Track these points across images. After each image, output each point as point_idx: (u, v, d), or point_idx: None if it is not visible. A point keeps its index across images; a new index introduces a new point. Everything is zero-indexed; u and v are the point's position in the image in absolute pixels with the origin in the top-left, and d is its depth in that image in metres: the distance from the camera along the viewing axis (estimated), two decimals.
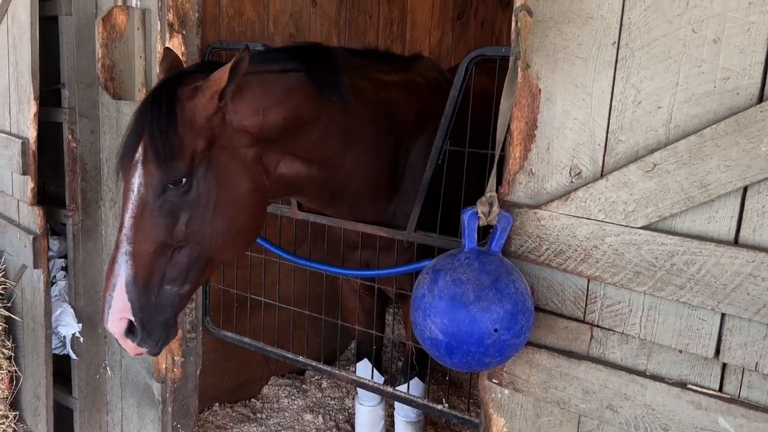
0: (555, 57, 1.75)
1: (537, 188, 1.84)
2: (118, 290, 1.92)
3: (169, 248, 1.97)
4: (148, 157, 1.94)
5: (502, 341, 1.68)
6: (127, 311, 1.93)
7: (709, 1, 1.50)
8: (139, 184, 1.95)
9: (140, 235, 1.93)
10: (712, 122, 1.52)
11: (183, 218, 1.97)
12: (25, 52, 2.91)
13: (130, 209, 1.95)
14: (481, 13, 5.38)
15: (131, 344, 1.99)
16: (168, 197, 1.95)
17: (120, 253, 1.93)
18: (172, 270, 1.98)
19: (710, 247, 1.53)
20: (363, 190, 2.47)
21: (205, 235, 2.00)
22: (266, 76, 2.15)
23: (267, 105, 2.11)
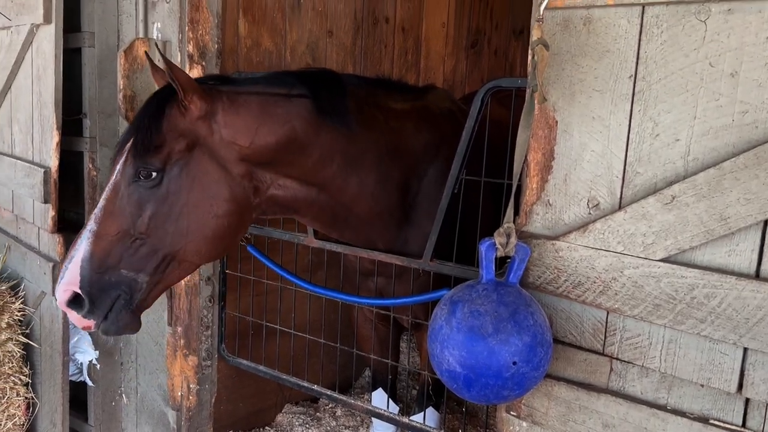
0: (572, 89, 1.76)
1: (554, 219, 1.84)
2: (73, 263, 2.01)
3: (131, 237, 2.04)
4: (130, 149, 2.07)
5: (520, 374, 1.67)
6: (75, 284, 2.00)
7: (726, 36, 1.51)
8: (118, 171, 2.07)
9: (106, 218, 2.04)
10: (731, 155, 1.52)
11: (148, 211, 2.05)
12: (48, 83, 2.98)
13: (105, 193, 2.08)
14: (494, 42, 5.43)
15: (75, 315, 2.06)
16: (137, 188, 2.04)
17: (85, 230, 2.04)
18: (130, 258, 2.05)
19: (731, 281, 1.52)
20: (369, 215, 2.48)
21: (167, 232, 2.07)
22: (268, 98, 2.22)
23: (260, 126, 2.17)
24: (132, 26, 3.01)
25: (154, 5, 2.91)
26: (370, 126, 2.41)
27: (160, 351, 3.19)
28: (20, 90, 3.28)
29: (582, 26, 1.73)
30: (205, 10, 2.80)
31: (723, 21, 1.51)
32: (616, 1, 1.65)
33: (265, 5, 3.49)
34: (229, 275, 3.02)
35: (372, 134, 2.41)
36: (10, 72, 3.28)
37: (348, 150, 2.35)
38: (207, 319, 3.00)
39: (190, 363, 3.03)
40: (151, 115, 2.06)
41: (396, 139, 2.50)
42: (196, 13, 2.77)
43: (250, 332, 3.13)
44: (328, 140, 2.29)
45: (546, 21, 1.77)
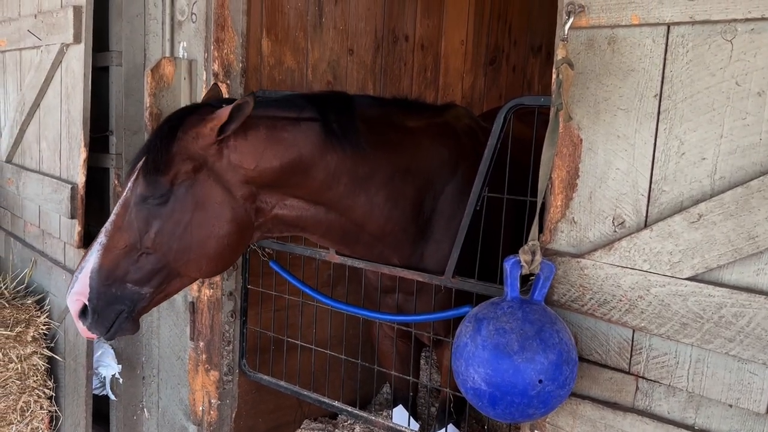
0: (596, 108, 1.77)
1: (579, 237, 1.84)
2: (83, 274, 2.11)
3: (137, 251, 2.13)
4: (142, 168, 2.15)
5: (546, 392, 1.67)
6: (84, 295, 2.10)
7: (752, 55, 1.52)
8: (129, 189, 2.17)
9: (116, 232, 2.13)
10: (758, 174, 1.52)
11: (154, 228, 2.13)
12: (77, 101, 3.04)
13: (115, 209, 2.18)
14: (512, 59, 5.46)
15: (81, 326, 2.15)
16: (145, 205, 2.13)
17: (96, 243, 2.13)
18: (136, 271, 2.14)
19: (760, 300, 1.51)
20: (381, 232, 2.49)
21: (171, 249, 2.15)
22: (276, 122, 2.27)
23: (266, 150, 2.23)
24: (158, 45, 3.08)
25: (180, 25, 2.97)
26: (380, 145, 2.42)
27: (182, 366, 3.21)
28: (49, 108, 3.35)
29: (607, 45, 1.74)
30: (230, 29, 2.85)
31: (749, 40, 1.52)
32: (641, 20, 1.66)
33: (288, 24, 3.55)
34: (250, 290, 3.04)
35: (383, 154, 2.43)
36: (40, 90, 3.35)
37: (356, 170, 2.37)
38: (228, 334, 3.02)
39: (212, 378, 3.05)
40: (162, 138, 2.15)
41: (410, 158, 2.51)
42: (221, 32, 2.82)
43: (270, 347, 3.14)
44: (334, 162, 2.32)
45: (571, 40, 1.79)
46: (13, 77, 3.74)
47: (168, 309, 3.26)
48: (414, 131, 2.58)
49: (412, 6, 4.45)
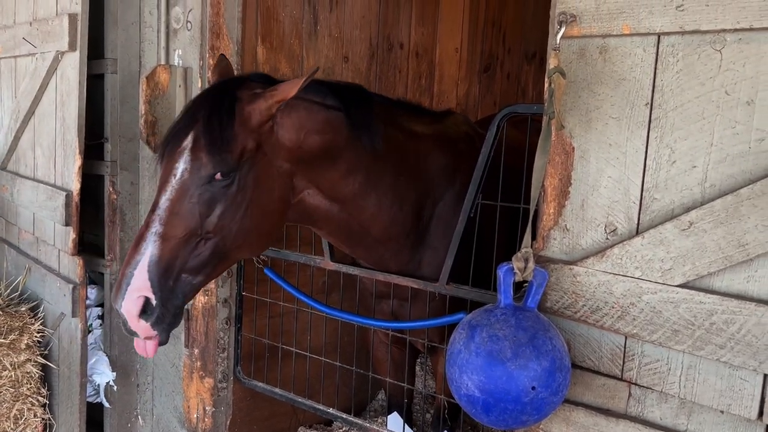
0: (588, 116, 1.79)
1: (572, 244, 1.85)
2: (139, 269, 1.93)
3: (197, 237, 2.00)
4: (199, 146, 2.00)
5: (539, 399, 1.67)
6: (146, 289, 1.93)
7: (741, 65, 1.54)
8: (184, 170, 2.00)
9: (173, 218, 1.97)
10: (748, 182, 1.53)
11: (217, 210, 2.01)
12: (72, 109, 3.04)
13: (168, 192, 1.99)
14: (507, 66, 5.48)
15: (144, 324, 1.96)
16: (210, 187, 2.00)
17: (149, 233, 1.96)
18: (193, 259, 2.01)
19: (750, 307, 1.52)
20: (384, 236, 2.50)
21: (231, 231, 2.05)
22: (311, 105, 2.25)
23: (308, 130, 2.21)
24: (154, 53, 3.09)
25: (175, 33, 2.98)
26: (391, 146, 2.45)
27: (177, 373, 3.21)
28: (44, 115, 3.36)
29: (598, 55, 1.76)
30: (226, 37, 2.86)
31: (738, 50, 1.54)
32: (632, 30, 1.68)
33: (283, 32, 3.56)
34: (245, 297, 3.05)
35: (392, 154, 2.45)
36: (34, 97, 3.36)
37: (371, 168, 2.38)
38: (223, 341, 3.02)
39: (206, 385, 3.04)
40: (223, 113, 2.03)
41: (414, 161, 2.53)
42: (216, 40, 2.84)
43: (265, 354, 3.14)
44: (354, 155, 2.33)
45: (562, 50, 1.80)
46: (8, 84, 3.75)
47: None
48: (418, 136, 2.60)
49: (406, 14, 4.47)
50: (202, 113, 2.05)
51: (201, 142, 2.00)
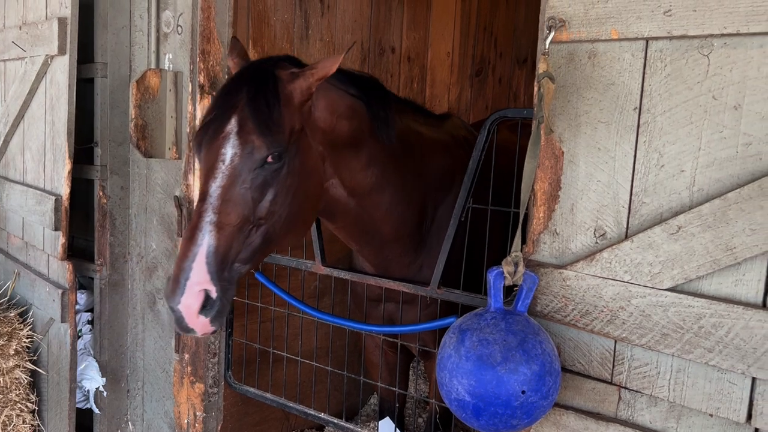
0: (577, 121, 1.80)
1: (562, 248, 1.86)
2: (198, 260, 1.84)
3: (249, 224, 1.93)
4: (247, 129, 1.93)
5: (529, 403, 1.67)
6: (207, 282, 1.84)
7: (728, 69, 1.55)
8: (233, 155, 1.92)
9: (227, 206, 1.89)
10: (735, 186, 1.54)
11: (269, 195, 1.95)
12: (61, 113, 3.03)
13: (218, 179, 1.91)
14: (498, 70, 5.50)
15: (204, 320, 1.87)
16: (262, 171, 1.93)
17: (204, 222, 1.87)
18: (246, 248, 1.94)
19: (738, 310, 1.53)
20: (393, 236, 2.50)
21: (281, 216, 1.99)
22: (338, 90, 2.23)
23: (339, 114, 2.19)
24: (144, 57, 3.08)
25: (166, 37, 2.97)
26: (403, 143, 2.45)
27: (167, 378, 3.19)
28: (33, 119, 3.34)
29: (587, 59, 1.77)
30: (216, 41, 2.86)
31: (725, 55, 1.55)
32: (620, 35, 1.69)
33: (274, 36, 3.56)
34: (236, 302, 3.03)
35: (403, 152, 2.46)
36: (24, 102, 3.34)
37: (386, 162, 2.38)
38: (214, 346, 3.01)
39: (197, 390, 3.03)
40: (269, 93, 1.97)
41: (419, 161, 2.54)
42: (207, 44, 2.83)
43: (256, 359, 3.13)
44: (374, 147, 2.33)
45: (552, 54, 1.81)
46: None
47: (153, 321, 3.24)
48: (423, 136, 2.61)
49: (398, 18, 4.48)
50: (243, 95, 1.97)
51: (249, 125, 1.93)
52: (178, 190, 2.98)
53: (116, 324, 3.34)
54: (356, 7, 4.10)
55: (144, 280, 3.26)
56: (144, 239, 3.23)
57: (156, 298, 3.21)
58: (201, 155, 2.02)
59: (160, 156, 2.95)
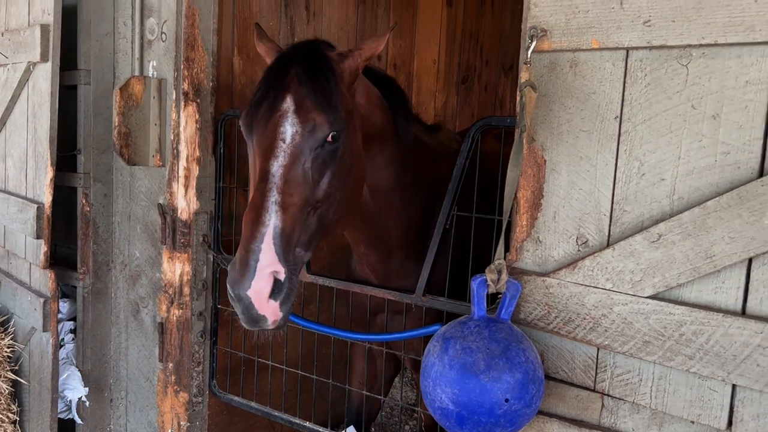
0: (559, 130, 1.81)
1: (544, 256, 1.87)
2: (266, 241, 1.75)
3: (309, 206, 1.87)
4: (306, 106, 1.87)
5: (513, 411, 1.68)
6: (276, 263, 1.76)
7: (707, 79, 1.57)
8: (294, 133, 1.85)
9: (289, 186, 1.82)
10: (714, 195, 1.56)
11: (326, 177, 1.90)
12: (44, 120, 3.01)
13: (280, 158, 1.84)
14: (484, 78, 5.53)
15: (274, 305, 1.78)
16: (322, 151, 1.87)
17: (269, 202, 1.79)
18: (306, 231, 1.87)
19: (718, 318, 1.54)
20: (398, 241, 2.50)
21: (336, 200, 1.94)
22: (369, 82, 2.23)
23: (374, 103, 2.20)
24: (128, 64, 3.06)
25: (150, 44, 2.96)
26: (414, 149, 2.46)
27: (151, 387, 3.16)
28: (15, 126, 3.31)
29: (568, 69, 1.78)
30: (201, 48, 2.85)
31: (704, 65, 1.57)
32: (600, 44, 1.71)
33: None
34: (221, 310, 3.02)
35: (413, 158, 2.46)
36: (6, 109, 3.31)
37: (401, 165, 2.38)
38: (198, 354, 2.98)
39: (181, 399, 3.00)
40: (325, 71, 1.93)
41: (422, 169, 2.54)
42: (191, 51, 2.82)
43: (241, 368, 3.11)
44: (395, 147, 2.33)
45: (534, 63, 1.82)
46: None
47: (136, 330, 3.21)
48: (426, 145, 2.61)
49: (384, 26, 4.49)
50: (297, 73, 1.91)
51: (308, 102, 1.87)
52: (161, 198, 2.96)
53: (99, 333, 3.30)
54: (342, 15, 4.11)
55: (127, 288, 3.23)
56: (127, 247, 3.20)
57: (140, 307, 3.19)
58: (254, 135, 1.94)
59: (144, 163, 2.93)
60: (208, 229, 2.91)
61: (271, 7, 3.59)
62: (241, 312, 1.80)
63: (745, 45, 1.50)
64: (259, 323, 1.80)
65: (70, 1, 3.13)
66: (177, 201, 2.88)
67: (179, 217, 2.88)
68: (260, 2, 3.51)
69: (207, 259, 2.93)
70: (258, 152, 1.90)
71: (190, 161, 2.84)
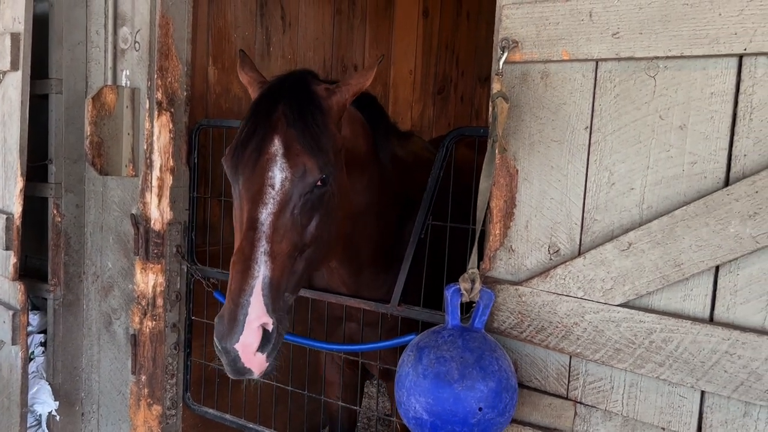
0: (531, 140, 1.83)
1: (517, 265, 1.88)
2: (255, 294, 1.72)
3: (297, 251, 1.84)
4: (295, 150, 1.82)
5: (486, 420, 1.68)
6: (265, 315, 1.73)
7: (674, 90, 1.60)
8: (283, 179, 1.81)
9: (278, 234, 1.79)
10: (682, 204, 1.58)
11: (315, 219, 1.86)
12: (14, 130, 2.96)
13: (269, 205, 1.79)
14: (460, 88, 5.58)
15: (261, 357, 1.75)
16: (311, 195, 1.84)
17: (258, 252, 1.75)
18: (294, 276, 1.84)
19: (686, 325, 1.56)
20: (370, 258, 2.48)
21: (323, 240, 1.91)
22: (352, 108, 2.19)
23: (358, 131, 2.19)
24: (101, 73, 3.03)
25: (123, 53, 2.94)
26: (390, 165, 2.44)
27: (123, 400, 3.11)
28: None
29: (540, 80, 1.80)
30: (175, 58, 2.83)
31: (671, 77, 1.60)
32: (570, 56, 1.73)
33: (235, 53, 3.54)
34: (195, 321, 2.98)
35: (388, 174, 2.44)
36: None
37: (378, 184, 2.35)
38: (172, 366, 2.95)
39: (154, 412, 2.96)
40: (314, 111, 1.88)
41: (394, 181, 2.52)
42: (165, 61, 2.81)
43: (216, 380, 3.08)
44: (375, 168, 2.32)
45: (505, 74, 1.84)
46: None
47: (109, 342, 3.16)
48: (398, 158, 2.59)
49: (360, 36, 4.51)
50: (285, 112, 1.86)
51: (297, 146, 1.82)
52: (135, 208, 2.93)
53: (70, 345, 3.25)
54: (318, 25, 4.11)
55: (100, 299, 3.19)
56: (100, 258, 3.16)
57: (112, 318, 3.14)
58: (241, 178, 1.88)
59: (117, 174, 2.90)
60: (182, 239, 2.88)
61: (247, 16, 3.59)
62: (226, 364, 1.78)
63: (710, 57, 1.54)
64: (245, 375, 1.79)
65: (41, 10, 3.10)
66: (150, 211, 2.85)
67: (152, 228, 2.85)
68: (235, 12, 3.50)
69: (181, 270, 2.90)
70: (245, 197, 1.85)
71: (163, 171, 2.82)
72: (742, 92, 1.51)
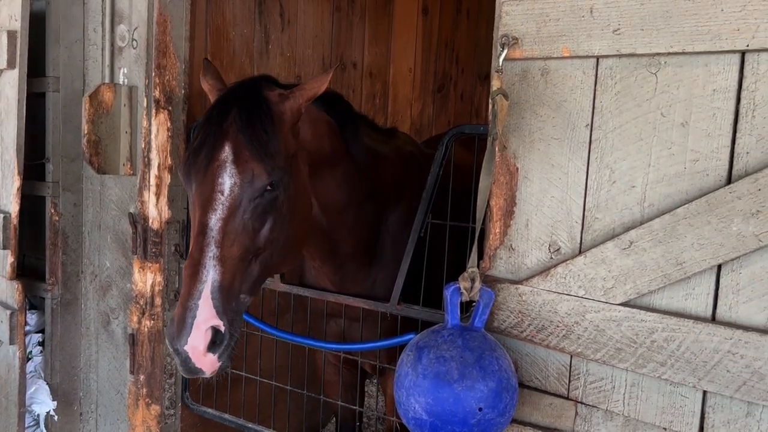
0: (531, 137, 1.81)
1: (517, 264, 1.86)
2: (204, 297, 1.78)
3: (250, 255, 1.89)
4: (244, 156, 1.86)
5: (486, 420, 1.66)
6: (214, 318, 1.78)
7: (676, 88, 1.58)
8: (233, 185, 1.86)
9: (228, 238, 1.84)
10: (684, 202, 1.57)
11: (268, 224, 1.91)
12: (10, 128, 2.94)
13: (218, 211, 1.84)
14: (460, 86, 5.56)
15: (212, 358, 1.81)
16: (261, 200, 1.88)
17: (207, 257, 1.81)
18: (248, 278, 1.89)
19: (689, 324, 1.55)
20: (352, 253, 2.49)
21: (279, 244, 1.95)
22: (315, 108, 2.20)
23: (321, 132, 2.19)
24: (98, 71, 3.01)
25: (120, 51, 2.92)
26: (365, 161, 2.45)
27: (122, 400, 3.10)
28: None
29: (540, 77, 1.78)
30: (173, 56, 2.82)
31: (672, 74, 1.58)
32: (571, 53, 1.71)
33: (233, 51, 3.53)
34: None
35: (365, 169, 2.45)
36: None
37: (354, 179, 2.38)
38: (171, 366, 2.93)
39: (153, 412, 2.94)
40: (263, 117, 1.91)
41: (374, 177, 2.53)
42: (163, 58, 2.79)
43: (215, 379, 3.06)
44: (347, 165, 2.33)
45: (505, 71, 1.83)
46: None
47: (107, 341, 3.15)
48: (378, 153, 2.60)
49: (359, 33, 4.49)
50: (235, 120, 1.90)
51: (245, 152, 1.87)
52: (132, 207, 2.91)
53: (68, 345, 3.23)
54: (317, 23, 4.09)
55: (98, 299, 3.17)
56: (98, 257, 3.14)
57: (110, 318, 3.13)
58: (193, 185, 1.93)
59: (114, 172, 2.88)
60: (180, 238, 2.87)
61: (245, 14, 3.57)
62: (179, 364, 1.85)
63: (712, 53, 1.52)
64: (198, 374, 1.85)
65: (38, 7, 3.08)
66: (148, 210, 2.83)
67: (150, 227, 2.83)
68: (234, 9, 3.48)
69: (179, 268, 2.88)
70: (197, 203, 1.90)
71: (161, 169, 2.80)
72: (744, 89, 1.49)
